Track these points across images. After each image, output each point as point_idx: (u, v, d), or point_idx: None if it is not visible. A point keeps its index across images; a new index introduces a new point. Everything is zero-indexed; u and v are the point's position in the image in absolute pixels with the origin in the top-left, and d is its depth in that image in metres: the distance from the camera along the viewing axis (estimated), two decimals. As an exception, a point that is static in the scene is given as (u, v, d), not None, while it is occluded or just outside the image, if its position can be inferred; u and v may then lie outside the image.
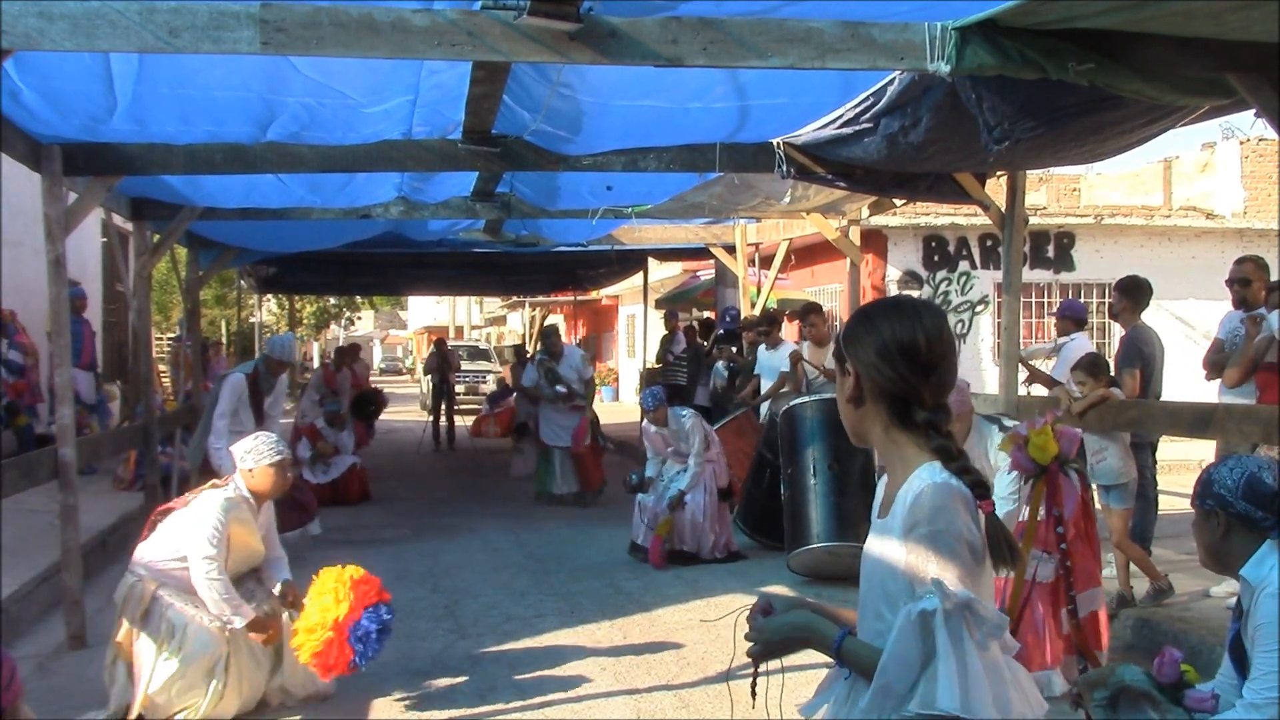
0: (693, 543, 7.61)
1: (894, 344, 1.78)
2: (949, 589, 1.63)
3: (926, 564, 1.66)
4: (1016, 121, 4.44)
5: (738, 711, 4.65)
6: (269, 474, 4.47)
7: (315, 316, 40.82)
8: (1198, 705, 2.72)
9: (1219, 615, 5.45)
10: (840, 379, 1.89)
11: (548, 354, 10.52)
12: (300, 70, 4.46)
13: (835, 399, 6.88)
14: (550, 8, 3.35)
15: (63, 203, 5.43)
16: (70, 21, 3.30)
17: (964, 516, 1.68)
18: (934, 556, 1.65)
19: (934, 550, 1.66)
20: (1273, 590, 2.55)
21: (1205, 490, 2.77)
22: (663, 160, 6.03)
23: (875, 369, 1.80)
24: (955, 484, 1.70)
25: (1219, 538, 2.71)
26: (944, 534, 1.66)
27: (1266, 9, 3.11)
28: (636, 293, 19.91)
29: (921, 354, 1.77)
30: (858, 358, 1.82)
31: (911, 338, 1.78)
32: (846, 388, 1.85)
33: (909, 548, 1.68)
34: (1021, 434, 4.27)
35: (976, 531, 1.70)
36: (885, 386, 1.80)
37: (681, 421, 7.78)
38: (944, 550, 1.66)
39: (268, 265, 13.86)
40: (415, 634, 5.70)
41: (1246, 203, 16.26)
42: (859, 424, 1.87)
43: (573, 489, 10.36)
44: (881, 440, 1.84)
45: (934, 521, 1.66)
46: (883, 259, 14.73)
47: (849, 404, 1.86)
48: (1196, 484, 2.83)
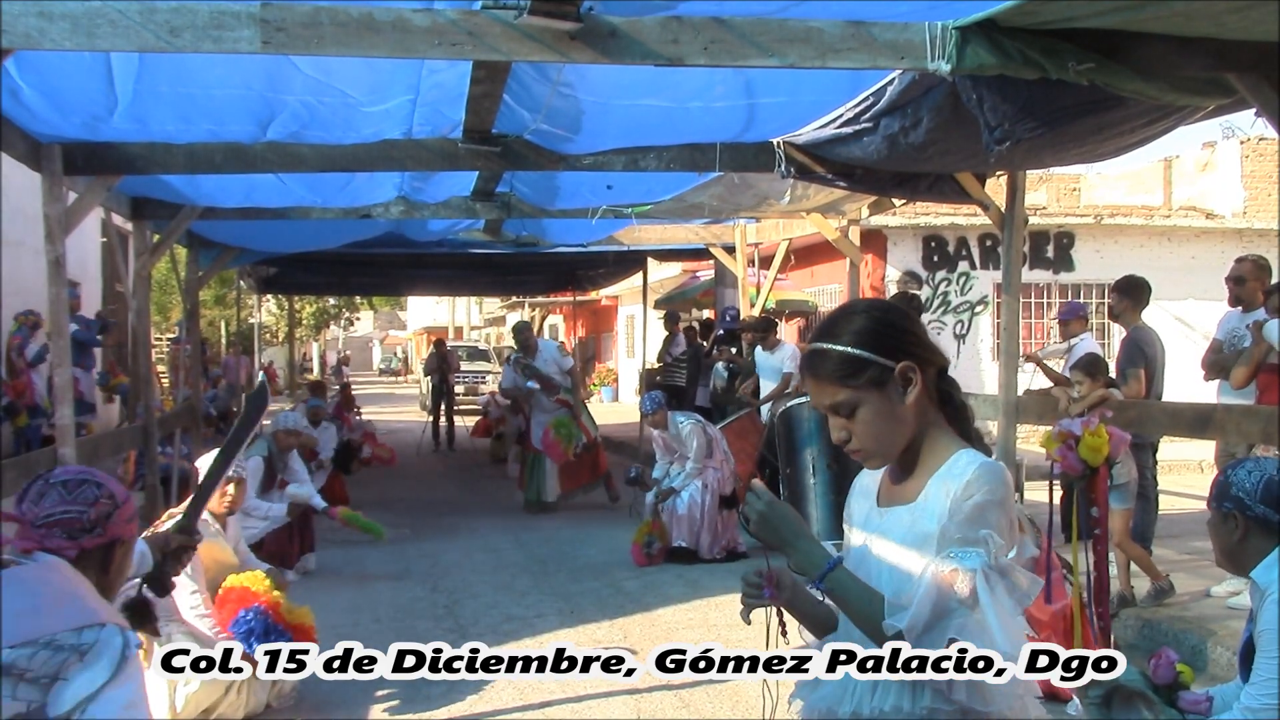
0: (690, 539, 7.62)
1: (925, 329, 1.86)
2: (995, 551, 1.69)
3: (974, 528, 1.70)
4: (1017, 122, 4.43)
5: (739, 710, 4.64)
6: (219, 491, 4.70)
7: (315, 317, 40.82)
8: (1192, 707, 2.72)
9: (1219, 615, 5.46)
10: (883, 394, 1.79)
11: (523, 351, 10.28)
12: (301, 69, 4.46)
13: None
14: (550, 7, 3.35)
15: (63, 203, 5.42)
16: (70, 21, 3.29)
17: (1011, 495, 1.75)
18: (982, 522, 1.70)
19: (983, 516, 1.70)
20: (1275, 596, 2.54)
21: (1223, 493, 2.72)
22: (663, 160, 6.03)
23: (931, 351, 1.83)
24: (1001, 466, 1.77)
25: (1236, 540, 2.67)
26: (994, 504, 1.71)
27: (1266, 9, 3.10)
28: (636, 293, 19.90)
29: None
30: (912, 348, 1.81)
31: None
32: (912, 394, 1.79)
33: (955, 516, 1.71)
34: (1074, 433, 4.13)
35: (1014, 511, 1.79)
36: (935, 363, 1.84)
37: (680, 428, 7.78)
38: (992, 517, 1.71)
39: (268, 265, 13.83)
40: (415, 634, 5.71)
41: (1246, 202, 16.25)
42: (902, 429, 1.80)
43: (558, 494, 10.10)
44: (917, 433, 1.82)
45: (990, 493, 1.71)
46: (882, 259, 14.73)
47: (910, 407, 1.79)
48: (1213, 486, 2.78)
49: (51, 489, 2.11)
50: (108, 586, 2.16)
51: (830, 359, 1.80)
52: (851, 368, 1.78)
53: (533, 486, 10.16)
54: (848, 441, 1.82)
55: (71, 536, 2.08)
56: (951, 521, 1.71)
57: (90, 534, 2.09)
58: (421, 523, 9.34)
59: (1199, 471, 11.02)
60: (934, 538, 1.72)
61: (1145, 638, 5.45)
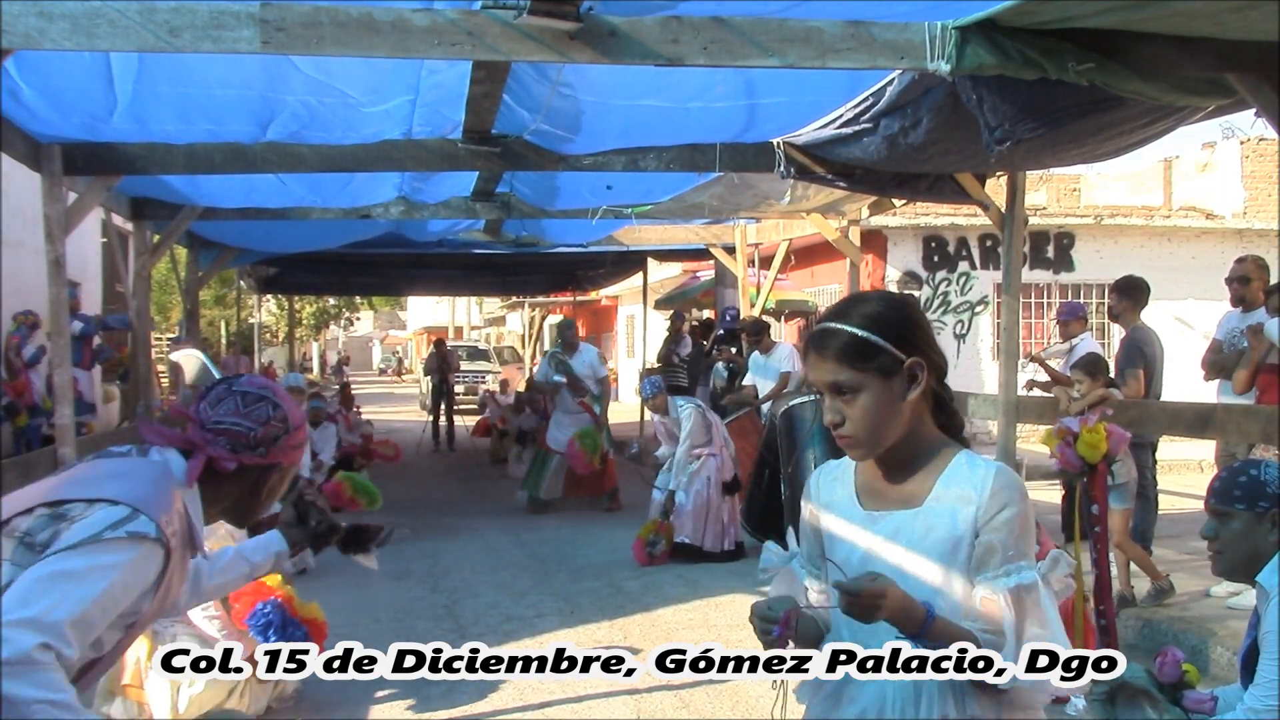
0: (694, 535, 7.63)
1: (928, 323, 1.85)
2: (1037, 562, 1.75)
3: (1019, 541, 1.74)
4: (1017, 122, 4.43)
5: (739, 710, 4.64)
6: None
7: (315, 317, 40.83)
8: (1196, 706, 2.71)
9: (1219, 615, 5.46)
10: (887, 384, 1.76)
11: (564, 347, 10.36)
12: (300, 69, 4.46)
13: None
14: (550, 7, 3.35)
15: (63, 203, 5.43)
16: (70, 21, 3.29)
17: (1029, 497, 1.79)
18: (1022, 533, 1.74)
19: (1023, 527, 1.75)
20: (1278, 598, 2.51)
21: (1255, 493, 2.60)
22: (663, 160, 6.03)
23: (938, 353, 1.82)
24: (1009, 469, 1.79)
25: (1274, 542, 2.57)
26: (1024, 512, 1.75)
27: (1266, 9, 3.11)
28: (636, 293, 19.90)
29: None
30: (924, 346, 1.79)
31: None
32: (915, 391, 1.77)
33: (996, 531, 1.73)
34: (1072, 430, 4.13)
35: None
36: (939, 366, 1.83)
37: (679, 411, 7.81)
38: (1028, 527, 1.76)
39: (268, 265, 13.85)
40: (415, 634, 5.71)
41: (1246, 203, 16.24)
42: (896, 425, 1.78)
43: (557, 495, 10.06)
44: (907, 433, 1.80)
45: (1020, 501, 1.75)
46: (883, 259, 14.72)
47: (909, 404, 1.77)
48: (1236, 487, 2.64)
49: (230, 396, 2.07)
50: (254, 508, 2.14)
51: (841, 337, 1.76)
52: (862, 351, 1.75)
53: (532, 481, 10.16)
54: (839, 425, 1.78)
55: (234, 450, 2.03)
56: (994, 536, 1.73)
57: (253, 452, 2.05)
58: (421, 523, 9.33)
59: (1199, 471, 11.02)
60: (956, 546, 1.74)
61: (1145, 638, 5.44)
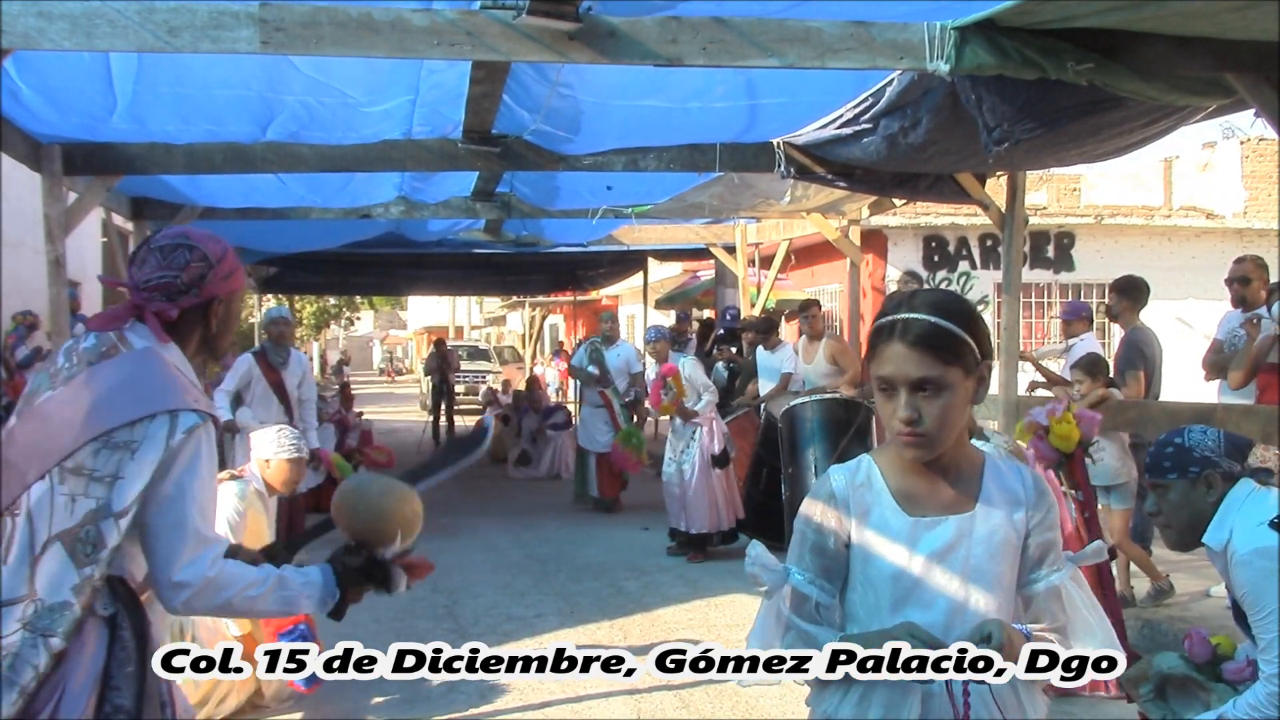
0: (685, 520, 7.64)
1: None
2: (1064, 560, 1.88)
3: (1057, 538, 1.85)
4: (1016, 122, 4.43)
5: (739, 710, 4.63)
6: (285, 468, 4.56)
7: (315, 317, 40.82)
8: (1237, 676, 2.71)
9: (1219, 615, 5.45)
10: (965, 384, 1.74)
11: (604, 339, 10.30)
12: (300, 69, 4.46)
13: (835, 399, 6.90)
14: (549, 7, 3.35)
15: (63, 203, 5.43)
16: (69, 21, 3.30)
17: None
18: (1057, 533, 1.85)
19: (1056, 527, 1.85)
20: (1240, 557, 2.55)
21: (1184, 459, 2.72)
22: (663, 160, 6.04)
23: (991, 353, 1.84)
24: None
25: (1212, 503, 2.66)
26: (1056, 509, 1.87)
27: (1266, 9, 3.11)
28: (636, 293, 19.90)
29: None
30: (989, 348, 1.79)
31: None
32: (983, 393, 1.78)
33: (1050, 531, 1.83)
34: (1041, 423, 4.15)
35: None
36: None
37: (681, 366, 7.84)
38: (1058, 525, 1.86)
39: (268, 265, 13.84)
40: (415, 634, 5.70)
41: (1246, 203, 16.24)
42: (961, 428, 1.78)
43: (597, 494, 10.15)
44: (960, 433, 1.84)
45: (1053, 503, 1.86)
46: (883, 259, 14.71)
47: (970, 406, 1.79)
48: (1165, 459, 2.75)
49: (151, 254, 2.15)
50: (218, 339, 2.24)
51: (939, 332, 1.71)
52: (959, 349, 1.72)
53: (580, 482, 10.25)
54: (915, 421, 1.71)
55: (170, 298, 2.12)
56: (1050, 535, 1.83)
57: (186, 295, 2.13)
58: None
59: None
60: (1013, 547, 1.80)
61: (1145, 638, 5.44)
